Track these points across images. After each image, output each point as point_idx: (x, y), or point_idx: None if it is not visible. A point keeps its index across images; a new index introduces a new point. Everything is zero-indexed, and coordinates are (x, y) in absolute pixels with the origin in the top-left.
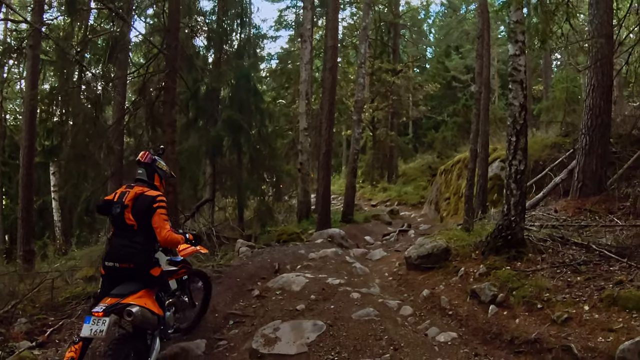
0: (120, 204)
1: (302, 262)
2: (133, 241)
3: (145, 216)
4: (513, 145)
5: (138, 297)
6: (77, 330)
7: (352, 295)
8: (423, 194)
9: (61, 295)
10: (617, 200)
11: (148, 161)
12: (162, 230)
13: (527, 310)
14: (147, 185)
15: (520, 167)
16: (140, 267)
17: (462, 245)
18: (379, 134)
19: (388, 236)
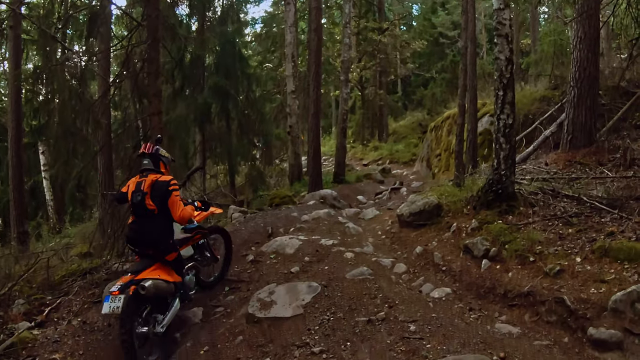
0: (140, 192)
1: (295, 224)
2: (153, 227)
3: (163, 200)
4: (500, 99)
5: (152, 270)
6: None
7: (345, 255)
8: (414, 152)
9: (57, 273)
10: (607, 152)
11: (152, 151)
12: (177, 210)
13: (520, 263)
14: (156, 172)
15: (508, 120)
16: (158, 253)
17: (453, 201)
18: (367, 94)
19: (380, 195)
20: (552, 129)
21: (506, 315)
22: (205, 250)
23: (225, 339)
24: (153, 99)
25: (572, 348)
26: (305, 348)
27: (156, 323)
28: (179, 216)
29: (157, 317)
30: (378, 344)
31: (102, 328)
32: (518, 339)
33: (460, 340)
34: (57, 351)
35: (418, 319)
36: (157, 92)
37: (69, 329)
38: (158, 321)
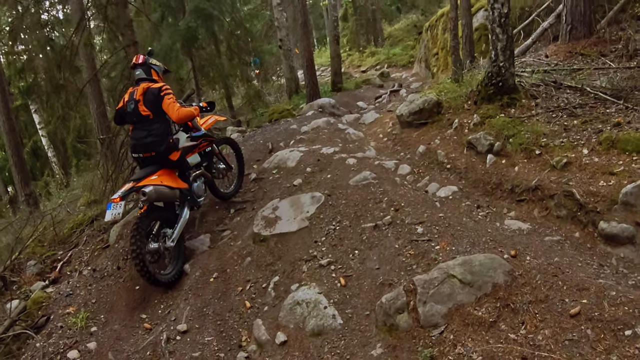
0: (133, 101)
1: (295, 137)
2: (151, 130)
3: (156, 105)
4: None
5: (155, 176)
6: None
7: (348, 162)
8: (412, 54)
9: (65, 227)
10: (608, 43)
11: (142, 61)
12: (173, 111)
13: (526, 157)
14: (148, 81)
15: (503, 10)
16: (160, 155)
17: (453, 97)
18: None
19: (380, 98)
20: (550, 20)
21: (515, 211)
22: (215, 158)
23: (233, 262)
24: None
25: (584, 243)
26: (313, 261)
27: (166, 238)
28: (177, 116)
29: (167, 231)
30: (386, 250)
31: (112, 272)
32: (528, 235)
33: (469, 240)
34: (70, 305)
35: (425, 221)
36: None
37: (81, 279)
38: (168, 235)
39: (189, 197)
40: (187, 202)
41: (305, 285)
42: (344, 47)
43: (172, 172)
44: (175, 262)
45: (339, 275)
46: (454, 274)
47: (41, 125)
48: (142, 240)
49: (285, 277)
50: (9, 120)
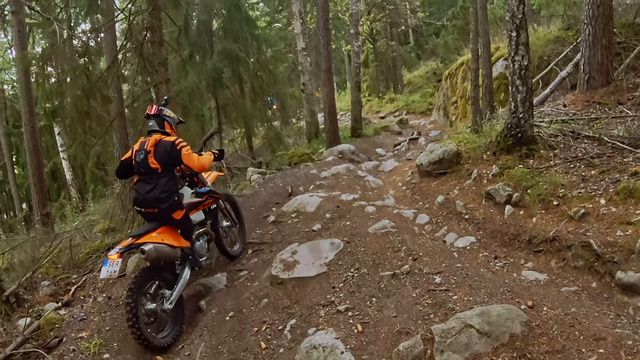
0: (143, 151)
1: (315, 182)
2: (157, 185)
3: (167, 159)
4: (514, 40)
5: (156, 234)
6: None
7: (367, 210)
8: (430, 101)
9: (81, 252)
10: (625, 91)
11: (156, 112)
12: (194, 162)
13: (543, 208)
14: (161, 133)
15: (523, 62)
16: (163, 212)
17: (472, 148)
18: (379, 46)
19: (399, 146)
20: (568, 69)
21: (532, 262)
22: (220, 217)
23: (250, 303)
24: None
25: (601, 293)
26: (331, 307)
27: (164, 299)
28: (199, 165)
29: (165, 292)
30: (404, 299)
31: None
32: (545, 286)
33: (487, 290)
34: (83, 329)
35: (443, 270)
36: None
37: (95, 306)
38: (166, 297)
39: (190, 256)
40: (188, 261)
41: (323, 329)
42: (364, 92)
43: (174, 230)
44: (173, 325)
45: (356, 322)
46: (471, 323)
47: (63, 148)
48: (139, 300)
49: (302, 321)
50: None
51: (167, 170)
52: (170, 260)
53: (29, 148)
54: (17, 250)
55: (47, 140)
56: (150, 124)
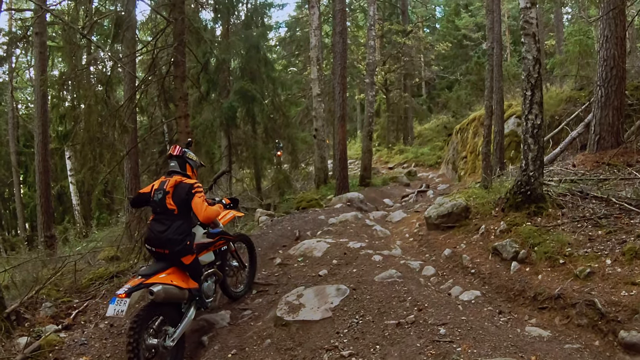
0: (162, 191)
1: (323, 227)
2: (171, 226)
3: (184, 201)
4: (529, 99)
5: (165, 274)
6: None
7: (374, 258)
8: (440, 154)
9: (84, 277)
10: (635, 153)
11: (179, 154)
12: (201, 211)
13: (550, 265)
14: (181, 175)
15: (536, 121)
16: (174, 255)
17: (481, 203)
18: (392, 97)
19: (407, 197)
20: (579, 129)
21: (536, 318)
22: (229, 257)
23: (253, 342)
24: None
25: (603, 352)
26: (334, 351)
27: (167, 336)
28: (204, 216)
29: (168, 329)
30: (408, 348)
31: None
32: (549, 343)
33: (490, 344)
34: (83, 354)
35: (448, 322)
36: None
37: (96, 331)
38: (169, 334)
39: (197, 297)
40: (194, 302)
41: None
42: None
43: (184, 271)
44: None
45: None
46: None
47: (71, 172)
48: (141, 334)
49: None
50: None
51: (183, 213)
52: (178, 301)
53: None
54: (18, 269)
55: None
56: (172, 165)
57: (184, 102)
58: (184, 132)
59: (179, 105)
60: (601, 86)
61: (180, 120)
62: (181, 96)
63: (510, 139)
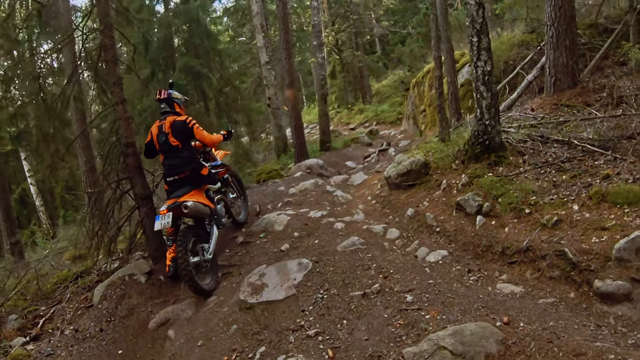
0: (163, 134)
1: (283, 199)
2: (182, 157)
3: (183, 136)
4: (475, 45)
5: (191, 195)
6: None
7: (335, 226)
8: (400, 110)
9: (49, 281)
10: (593, 92)
11: (166, 96)
12: (205, 139)
13: (515, 217)
14: (172, 114)
15: (486, 67)
16: (193, 172)
17: (440, 157)
18: (345, 57)
19: (369, 158)
20: (535, 73)
21: (507, 274)
22: (230, 185)
23: (219, 330)
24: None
25: (579, 304)
26: (300, 331)
27: (204, 251)
28: (210, 141)
29: (204, 246)
30: (375, 320)
31: (94, 334)
32: (521, 299)
33: (460, 307)
34: None
35: (415, 288)
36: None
37: (62, 339)
38: (205, 249)
39: (215, 216)
40: (214, 220)
41: (292, 357)
42: (332, 104)
43: (202, 193)
44: (213, 273)
45: (326, 347)
46: (444, 345)
47: (30, 173)
48: (187, 255)
49: (272, 348)
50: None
51: (186, 145)
52: (203, 216)
53: None
54: None
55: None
56: (162, 107)
57: (118, 87)
58: (123, 118)
59: (113, 91)
60: (551, 26)
61: (117, 107)
62: (114, 81)
63: (466, 88)
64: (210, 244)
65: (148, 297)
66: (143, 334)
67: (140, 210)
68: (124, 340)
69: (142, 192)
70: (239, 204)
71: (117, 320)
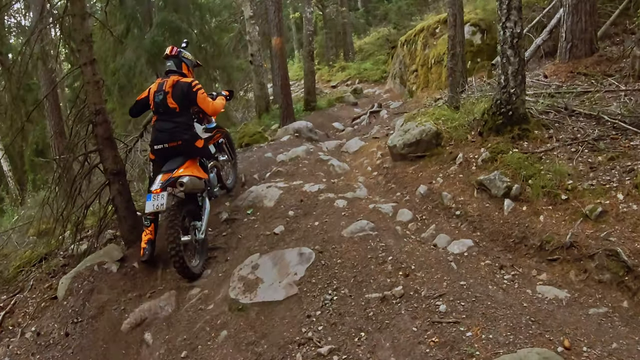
0: (162, 92)
1: (271, 167)
2: (177, 122)
3: (184, 99)
4: (505, 3)
5: (185, 167)
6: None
7: (336, 204)
8: (384, 69)
9: (12, 264)
10: (610, 61)
11: (175, 53)
12: (207, 106)
13: (550, 203)
14: (178, 74)
15: (516, 29)
16: (187, 142)
17: (453, 127)
18: (329, 12)
19: (359, 119)
20: (543, 36)
21: (546, 272)
22: (223, 149)
23: (205, 336)
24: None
25: (635, 316)
26: (309, 346)
27: (196, 230)
28: (212, 109)
29: (196, 224)
30: (402, 334)
31: (59, 340)
32: (569, 308)
33: (506, 322)
34: None
35: (446, 293)
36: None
37: (22, 344)
38: (198, 228)
39: (208, 187)
40: (206, 192)
41: None
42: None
43: (196, 163)
44: (201, 254)
45: None
46: None
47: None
48: (178, 236)
49: None
50: None
51: (184, 109)
52: (199, 191)
53: None
54: None
55: None
56: (168, 64)
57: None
58: (92, 81)
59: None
60: None
61: (85, 68)
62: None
63: (466, 49)
64: (203, 221)
65: (120, 290)
66: (115, 339)
67: (112, 187)
68: (93, 347)
69: (113, 167)
70: (228, 166)
71: (85, 321)
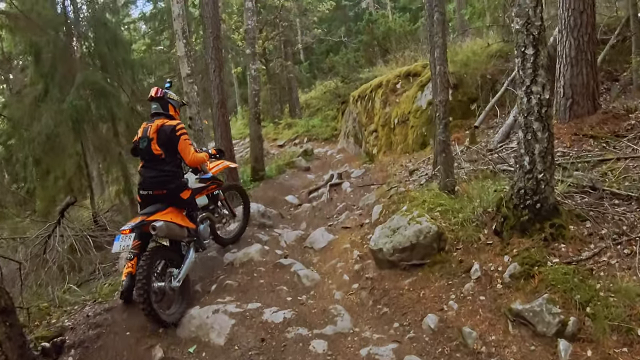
0: (146, 138)
1: (217, 273)
2: (162, 170)
3: (169, 145)
4: (530, 61)
5: (164, 213)
6: None
7: (313, 348)
8: (334, 126)
9: None
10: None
11: (160, 95)
12: (187, 154)
13: (625, 343)
14: (164, 117)
15: (544, 95)
16: (172, 192)
17: (458, 222)
18: (272, 67)
19: (316, 193)
20: None
21: None
22: (221, 203)
23: None
24: None
25: None
26: None
27: (172, 277)
28: (190, 159)
29: (173, 271)
30: None
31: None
32: None
33: None
34: None
35: None
36: None
37: None
38: (174, 275)
39: (195, 238)
40: (193, 243)
41: None
42: None
43: (181, 212)
44: (180, 303)
45: None
46: None
47: None
48: (149, 278)
49: None
50: None
51: (171, 156)
52: (178, 238)
53: None
54: None
55: None
56: (153, 107)
57: None
58: None
59: None
60: (568, 35)
61: None
62: None
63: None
64: (182, 269)
65: None
66: None
67: None
68: None
69: None
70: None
71: None
